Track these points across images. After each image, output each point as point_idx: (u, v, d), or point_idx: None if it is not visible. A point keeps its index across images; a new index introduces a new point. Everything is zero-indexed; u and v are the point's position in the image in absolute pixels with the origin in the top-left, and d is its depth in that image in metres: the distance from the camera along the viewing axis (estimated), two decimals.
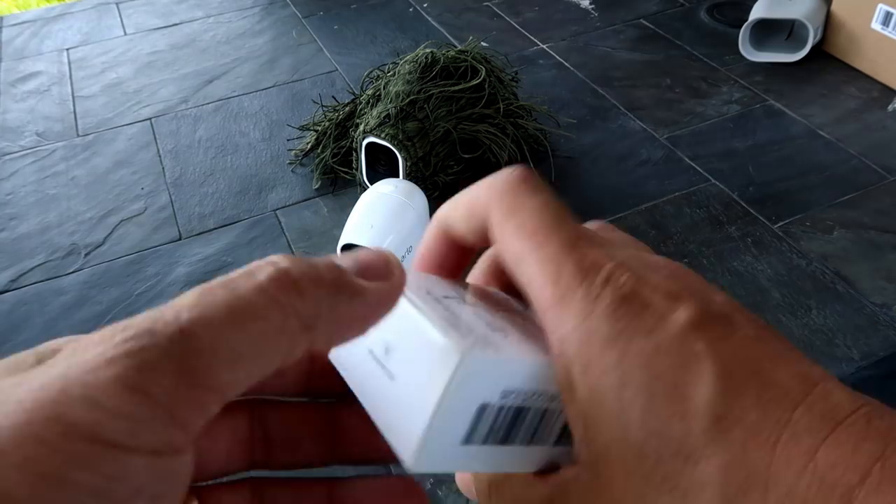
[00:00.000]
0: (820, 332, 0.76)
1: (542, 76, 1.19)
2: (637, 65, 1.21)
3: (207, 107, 1.16)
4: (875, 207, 0.91)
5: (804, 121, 1.06)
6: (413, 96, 0.92)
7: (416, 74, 0.94)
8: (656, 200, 0.94)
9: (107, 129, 1.13)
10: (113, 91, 1.21)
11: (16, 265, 0.90)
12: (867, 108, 1.08)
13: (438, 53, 0.97)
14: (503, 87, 0.99)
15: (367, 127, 0.91)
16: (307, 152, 1.04)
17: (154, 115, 1.15)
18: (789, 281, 0.81)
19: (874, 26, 1.12)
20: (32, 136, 1.12)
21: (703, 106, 1.11)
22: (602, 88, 1.16)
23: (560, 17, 1.36)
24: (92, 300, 0.85)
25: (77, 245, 0.93)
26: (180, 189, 1.00)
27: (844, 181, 0.95)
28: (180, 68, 1.26)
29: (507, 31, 1.32)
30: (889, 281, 0.81)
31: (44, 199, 1.00)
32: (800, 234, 0.88)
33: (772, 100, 1.11)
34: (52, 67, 1.28)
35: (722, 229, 0.89)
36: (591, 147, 1.04)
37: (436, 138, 0.91)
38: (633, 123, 1.08)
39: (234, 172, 1.03)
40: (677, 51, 1.24)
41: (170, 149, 1.08)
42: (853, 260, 0.84)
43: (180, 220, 0.95)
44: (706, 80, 1.16)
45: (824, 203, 0.92)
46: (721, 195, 0.94)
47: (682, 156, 1.01)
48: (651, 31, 1.30)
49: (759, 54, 1.19)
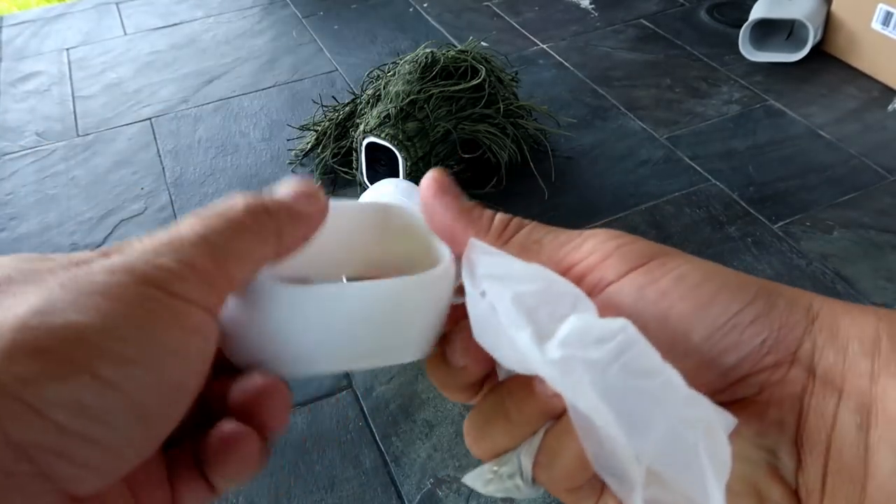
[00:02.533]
0: None
1: (542, 76, 1.19)
2: (637, 65, 1.21)
3: (207, 107, 1.16)
4: (875, 207, 0.91)
5: (804, 121, 1.06)
6: (413, 96, 0.92)
7: (416, 74, 0.94)
8: (656, 200, 0.94)
9: (107, 129, 1.13)
10: (113, 91, 1.21)
11: None
12: (867, 108, 1.08)
13: (438, 53, 0.97)
14: (503, 87, 0.99)
15: (367, 127, 0.91)
16: (307, 152, 1.04)
17: (154, 115, 1.15)
18: (789, 281, 0.81)
19: (874, 26, 1.12)
20: (32, 136, 1.12)
21: (703, 106, 1.11)
22: (602, 88, 1.16)
23: (560, 17, 1.36)
24: None
25: (77, 245, 0.93)
26: (180, 189, 1.00)
27: (844, 181, 0.95)
28: (180, 68, 1.26)
29: (507, 31, 1.32)
30: (889, 281, 0.81)
31: (44, 199, 1.00)
32: (800, 234, 0.88)
33: (772, 100, 1.11)
34: (52, 67, 1.28)
35: (722, 229, 0.89)
36: (590, 147, 1.04)
37: (436, 138, 0.91)
38: (633, 123, 1.08)
39: (234, 172, 1.03)
40: (677, 51, 1.24)
41: (170, 149, 1.08)
42: (853, 260, 0.84)
43: (180, 220, 0.95)
44: (706, 80, 1.17)
45: (824, 203, 0.92)
46: (721, 195, 0.94)
47: (682, 156, 1.01)
48: (651, 31, 1.30)
49: (759, 54, 1.19)
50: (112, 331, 0.19)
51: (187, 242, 0.21)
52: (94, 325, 0.18)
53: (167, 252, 0.21)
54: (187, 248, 0.21)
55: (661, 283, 0.24)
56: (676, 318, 0.24)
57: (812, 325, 0.23)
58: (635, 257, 0.25)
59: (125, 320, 0.19)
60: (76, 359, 0.18)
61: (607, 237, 0.26)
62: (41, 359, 0.17)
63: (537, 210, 0.93)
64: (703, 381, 0.24)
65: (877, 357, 0.22)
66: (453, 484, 0.64)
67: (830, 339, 0.23)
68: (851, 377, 0.22)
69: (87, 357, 0.18)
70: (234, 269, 0.22)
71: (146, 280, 0.20)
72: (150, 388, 0.19)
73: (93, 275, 0.19)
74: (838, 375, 0.22)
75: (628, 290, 0.24)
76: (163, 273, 0.20)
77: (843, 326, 0.23)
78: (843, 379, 0.22)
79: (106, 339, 0.18)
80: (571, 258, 0.26)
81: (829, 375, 0.22)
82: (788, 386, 0.23)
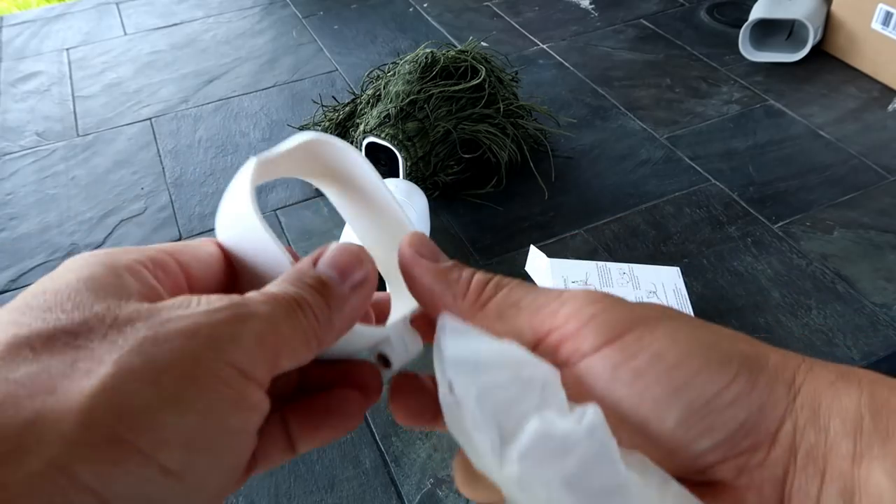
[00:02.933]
0: (820, 332, 0.76)
1: (542, 76, 1.19)
2: (637, 65, 1.21)
3: (207, 107, 1.16)
4: (875, 207, 0.91)
5: (804, 121, 1.06)
6: (413, 96, 0.92)
7: (416, 74, 0.94)
8: (656, 200, 0.94)
9: (107, 129, 1.13)
10: (113, 91, 1.21)
11: (16, 265, 0.90)
12: (867, 108, 1.08)
13: (438, 53, 0.97)
14: (503, 87, 0.99)
15: (367, 127, 0.91)
16: None
17: (154, 115, 1.15)
18: (789, 281, 0.81)
19: (874, 26, 1.12)
20: (32, 136, 1.12)
21: (703, 106, 1.11)
22: (602, 88, 1.16)
23: (560, 17, 1.36)
24: None
25: (77, 245, 0.93)
26: (180, 189, 1.00)
27: (844, 181, 0.95)
28: (180, 68, 1.26)
29: (507, 31, 1.32)
30: (889, 281, 0.81)
31: (44, 198, 1.00)
32: (800, 234, 0.88)
33: (772, 100, 1.11)
34: (52, 67, 1.28)
35: (722, 229, 0.89)
36: (591, 147, 1.04)
37: (436, 138, 0.91)
38: (633, 123, 1.08)
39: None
40: (677, 51, 1.24)
41: (170, 149, 1.08)
42: (853, 260, 0.84)
43: (180, 220, 0.95)
44: (706, 80, 1.17)
45: (824, 203, 0.92)
46: (721, 195, 0.94)
47: (682, 156, 1.01)
48: (651, 31, 1.30)
49: (759, 54, 1.19)
50: (183, 414, 0.18)
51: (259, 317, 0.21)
52: (166, 407, 0.18)
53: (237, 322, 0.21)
54: (259, 324, 0.21)
55: (636, 362, 0.23)
56: (650, 402, 0.23)
57: (793, 402, 0.22)
58: (610, 329, 0.24)
59: (196, 402, 0.19)
60: (145, 448, 0.18)
61: (585, 302, 0.25)
62: (111, 449, 0.17)
63: (537, 210, 0.93)
64: (676, 464, 0.23)
65: (859, 437, 0.21)
66: (453, 484, 0.64)
67: (812, 417, 0.22)
68: (833, 459, 0.21)
69: (156, 446, 0.18)
70: (283, 362, 0.22)
71: (220, 354, 0.20)
72: (212, 470, 0.20)
73: (170, 339, 0.19)
74: (821, 457, 0.22)
75: (601, 367, 0.23)
76: (238, 350, 0.20)
77: (825, 403, 0.22)
78: (825, 461, 0.21)
79: (176, 425, 0.18)
80: (549, 324, 0.25)
81: (811, 456, 0.22)
82: (769, 469, 0.22)
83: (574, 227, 0.90)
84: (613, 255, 0.86)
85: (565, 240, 0.89)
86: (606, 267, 0.78)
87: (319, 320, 0.23)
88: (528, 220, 0.92)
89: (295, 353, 0.22)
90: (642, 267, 0.79)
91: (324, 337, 0.24)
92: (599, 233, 0.89)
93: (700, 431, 0.22)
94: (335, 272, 0.25)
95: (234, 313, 0.21)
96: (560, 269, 0.77)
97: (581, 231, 0.90)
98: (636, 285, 0.76)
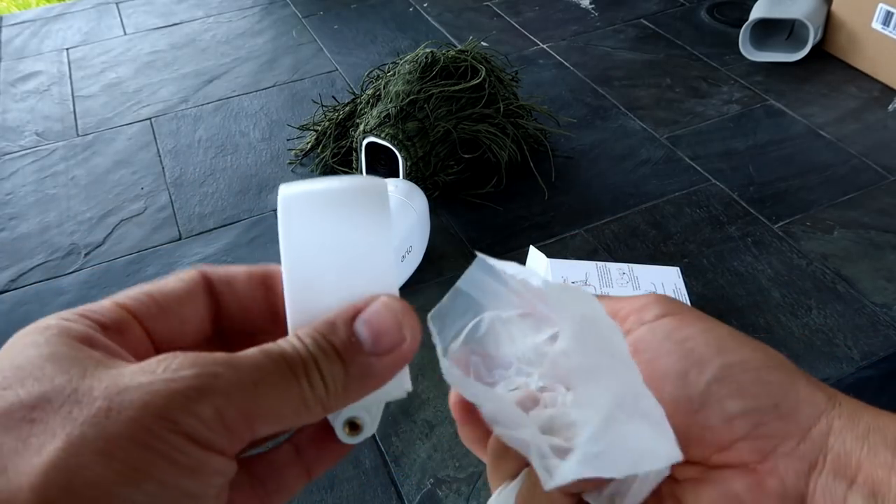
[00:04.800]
0: (820, 331, 0.76)
1: (542, 76, 1.19)
2: (637, 65, 1.21)
3: (207, 107, 1.16)
4: (875, 207, 0.91)
5: (804, 120, 1.06)
6: (413, 96, 0.92)
7: (416, 74, 0.94)
8: (656, 200, 0.94)
9: (107, 129, 1.13)
10: (113, 91, 1.21)
11: (16, 265, 0.90)
12: (867, 107, 1.08)
13: (438, 53, 0.97)
14: (503, 87, 0.99)
15: (367, 127, 0.91)
16: (307, 152, 1.04)
17: (154, 114, 1.15)
18: (789, 281, 0.81)
19: (874, 26, 1.12)
20: (32, 135, 1.12)
21: (703, 106, 1.11)
22: (602, 88, 1.16)
23: (560, 17, 1.36)
24: (92, 300, 0.84)
25: (77, 245, 0.93)
26: (180, 189, 1.00)
27: (845, 181, 0.95)
28: (180, 68, 1.26)
29: (507, 31, 1.32)
30: (889, 281, 0.81)
31: (44, 198, 1.00)
32: (800, 233, 0.88)
33: (772, 100, 1.11)
34: (51, 67, 1.28)
35: (722, 229, 0.89)
36: (591, 147, 1.04)
37: (436, 138, 0.91)
38: (633, 123, 1.08)
39: (234, 172, 1.03)
40: (677, 51, 1.24)
41: (170, 149, 1.08)
42: (853, 260, 0.84)
43: (180, 220, 0.95)
44: (706, 79, 1.16)
45: (824, 203, 0.92)
46: (721, 195, 0.94)
47: (683, 156, 1.01)
48: (651, 30, 1.30)
49: (759, 54, 1.19)
50: (139, 484, 0.18)
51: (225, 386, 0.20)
52: (119, 479, 0.18)
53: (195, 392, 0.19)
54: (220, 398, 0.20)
55: (690, 330, 0.26)
56: (694, 358, 0.25)
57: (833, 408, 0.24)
58: (672, 307, 0.27)
59: (151, 471, 0.18)
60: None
61: (652, 296, 0.28)
62: None
63: (537, 210, 0.93)
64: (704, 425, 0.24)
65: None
66: (453, 484, 0.64)
67: (850, 424, 0.23)
68: (868, 466, 0.22)
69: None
70: (260, 428, 0.21)
71: (173, 426, 0.19)
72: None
73: (124, 409, 0.18)
74: (854, 462, 0.22)
75: (660, 330, 0.26)
76: (194, 422, 0.19)
77: (866, 417, 0.23)
78: (858, 466, 0.22)
79: (130, 497, 0.18)
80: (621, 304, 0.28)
81: (842, 459, 0.23)
82: (796, 460, 0.23)
83: (574, 227, 0.90)
84: (613, 255, 0.86)
85: (565, 240, 0.89)
86: (606, 267, 0.78)
87: (329, 389, 0.21)
88: (528, 220, 0.92)
89: (280, 419, 0.21)
90: (642, 267, 0.79)
91: (331, 404, 0.22)
92: (599, 233, 0.89)
93: (732, 390, 0.24)
94: (370, 334, 0.22)
95: (194, 384, 0.19)
96: (559, 269, 0.77)
97: (581, 231, 0.90)
98: (636, 285, 0.76)
